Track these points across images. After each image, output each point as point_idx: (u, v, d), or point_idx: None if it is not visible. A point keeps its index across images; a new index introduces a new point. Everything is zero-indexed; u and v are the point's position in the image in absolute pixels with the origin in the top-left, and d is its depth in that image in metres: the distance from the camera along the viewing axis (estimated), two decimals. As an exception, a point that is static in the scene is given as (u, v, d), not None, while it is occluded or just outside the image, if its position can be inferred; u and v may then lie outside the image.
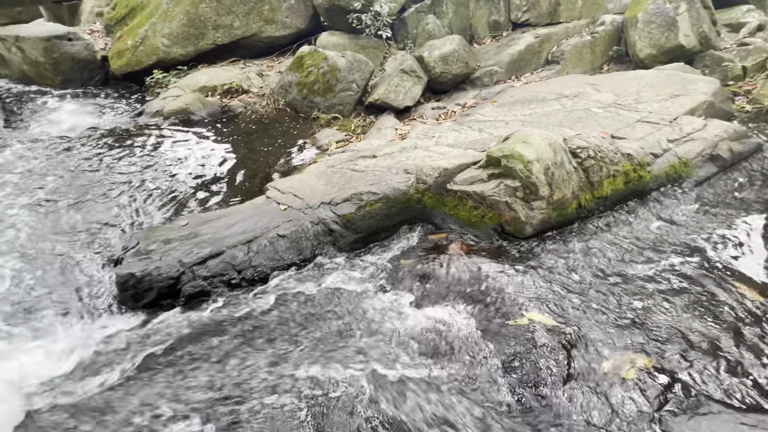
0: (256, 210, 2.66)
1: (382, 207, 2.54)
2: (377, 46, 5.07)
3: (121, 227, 2.69)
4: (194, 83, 4.69)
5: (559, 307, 2.05)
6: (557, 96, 3.82)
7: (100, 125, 4.06)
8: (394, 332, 1.95)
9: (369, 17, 4.73)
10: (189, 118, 4.13)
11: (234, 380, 1.73)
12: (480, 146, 2.95)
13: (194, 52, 5.05)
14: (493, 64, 4.61)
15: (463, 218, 2.49)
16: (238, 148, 3.75)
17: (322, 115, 4.27)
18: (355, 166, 3.00)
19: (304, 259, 2.40)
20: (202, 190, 3.15)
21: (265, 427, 1.53)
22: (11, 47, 5.12)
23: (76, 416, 1.62)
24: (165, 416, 1.59)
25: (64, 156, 3.41)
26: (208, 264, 2.17)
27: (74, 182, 3.08)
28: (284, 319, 2.02)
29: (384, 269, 2.37)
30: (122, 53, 5.08)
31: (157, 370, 1.77)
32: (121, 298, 2.07)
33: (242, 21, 5.14)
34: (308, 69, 4.33)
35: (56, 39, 5.02)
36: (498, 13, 5.22)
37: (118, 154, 3.49)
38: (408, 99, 4.17)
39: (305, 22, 5.47)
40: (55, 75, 5.03)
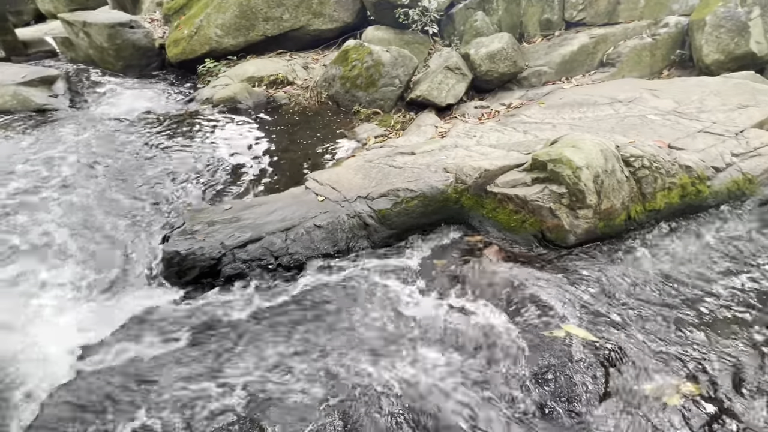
0: (294, 199, 2.71)
1: (418, 205, 2.52)
2: (422, 42, 5.01)
3: (169, 207, 2.83)
4: (242, 73, 4.83)
5: (600, 322, 1.95)
6: (610, 100, 3.63)
7: (154, 109, 4.28)
8: (424, 330, 1.93)
9: (416, 12, 4.68)
10: (236, 107, 4.27)
11: (266, 362, 1.78)
12: (524, 149, 2.85)
13: (244, 42, 5.22)
14: (543, 64, 4.43)
15: (502, 222, 2.42)
16: (280, 139, 3.83)
17: (362, 110, 4.29)
18: (393, 162, 2.99)
19: (339, 251, 2.42)
20: (245, 176, 3.25)
21: (294, 409, 1.56)
22: (79, 32, 5.49)
23: (118, 378, 1.72)
24: (199, 388, 1.66)
25: (121, 136, 3.63)
26: (247, 248, 2.24)
27: (129, 161, 3.27)
28: (316, 308, 2.05)
29: (417, 267, 2.35)
30: (178, 42, 5.32)
31: (194, 345, 1.86)
32: (165, 274, 2.18)
33: (291, 14, 5.25)
34: (352, 63, 4.35)
35: (120, 26, 5.33)
36: (551, 11, 5.01)
37: (169, 137, 3.67)
38: (450, 97, 4.10)
39: (352, 16, 5.50)
40: (116, 60, 5.35)
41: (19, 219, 2.61)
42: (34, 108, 4.12)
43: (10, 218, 2.61)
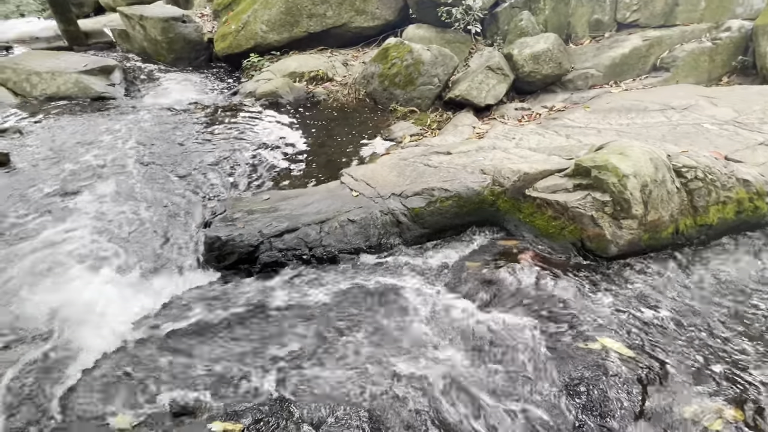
0: (330, 193, 2.76)
1: (452, 205, 2.49)
2: (463, 41, 4.95)
3: (211, 193, 2.95)
4: (285, 68, 4.95)
5: (639, 338, 1.86)
6: (662, 107, 3.44)
7: (201, 101, 4.47)
8: (451, 331, 1.91)
9: (460, 11, 4.63)
10: (277, 101, 4.38)
11: (297, 348, 1.82)
12: (566, 153, 2.76)
13: (288, 38, 5.34)
14: (590, 66, 4.27)
15: (540, 228, 2.36)
16: (317, 133, 3.90)
17: (399, 108, 4.29)
18: (428, 161, 2.97)
19: (371, 246, 2.43)
20: (283, 168, 3.33)
21: (321, 395, 1.60)
22: (135, 25, 5.81)
23: (158, 351, 1.82)
24: (232, 366, 1.73)
25: (170, 125, 3.81)
26: (284, 238, 2.30)
27: (176, 149, 3.44)
28: (347, 301, 2.07)
29: (448, 268, 2.33)
30: (225, 36, 5.52)
31: (229, 326, 1.93)
32: (206, 258, 2.28)
33: (335, 11, 5.32)
34: (392, 61, 4.36)
35: (173, 20, 5.59)
36: (602, 11, 4.81)
37: (214, 128, 3.83)
38: (490, 97, 4.03)
39: (394, 14, 5.51)
40: (168, 53, 5.63)
41: (76, 198, 2.80)
42: (93, 95, 4.41)
43: (68, 196, 2.81)
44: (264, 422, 1.48)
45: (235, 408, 1.56)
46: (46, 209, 2.70)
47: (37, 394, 1.65)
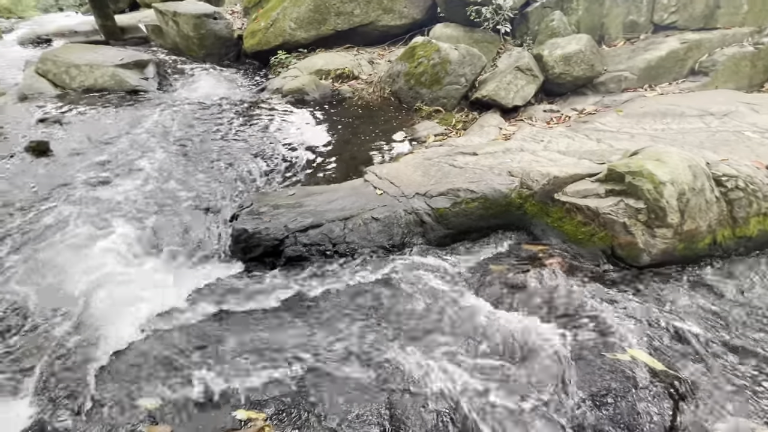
0: (354, 191, 2.76)
1: (478, 206, 2.46)
2: (492, 41, 4.88)
3: (238, 186, 3.01)
4: (311, 66, 5.00)
5: (671, 351, 1.80)
6: (700, 113, 3.31)
7: (229, 96, 4.56)
8: (473, 334, 1.89)
9: (489, 10, 4.56)
10: (303, 98, 4.42)
11: (319, 341, 1.84)
12: (597, 158, 2.68)
13: (315, 36, 5.39)
14: (624, 69, 4.14)
15: (568, 233, 2.30)
16: (342, 131, 3.92)
17: (424, 107, 4.26)
18: (453, 162, 2.94)
19: (393, 245, 2.43)
20: (308, 164, 3.36)
21: (342, 389, 1.60)
22: (169, 21, 5.97)
23: (185, 338, 1.87)
24: (256, 356, 1.76)
25: (200, 119, 3.91)
26: (308, 233, 2.32)
27: (205, 142, 3.52)
28: (369, 298, 2.07)
29: (471, 270, 2.30)
30: (255, 33, 5.62)
31: (253, 316, 1.97)
32: (233, 249, 2.33)
33: (362, 9, 5.33)
34: (419, 60, 4.34)
35: (205, 17, 5.72)
36: (638, 12, 4.66)
37: (241, 122, 3.89)
38: (518, 98, 3.96)
39: (421, 12, 5.48)
40: (199, 48, 5.76)
41: (111, 186, 2.90)
42: (128, 88, 4.56)
43: (104, 184, 2.91)
44: (286, 413, 1.50)
45: (259, 397, 1.58)
46: (83, 196, 2.80)
47: (73, 372, 1.72)
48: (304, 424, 1.45)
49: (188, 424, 1.46)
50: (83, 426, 1.51)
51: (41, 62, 4.76)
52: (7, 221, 2.58)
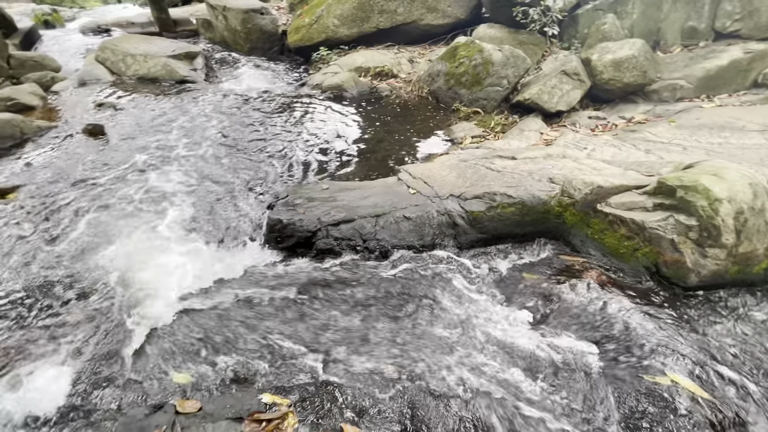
0: (387, 188, 2.76)
1: (514, 212, 2.39)
2: (537, 43, 4.74)
3: (275, 177, 3.08)
4: (351, 63, 5.03)
5: (715, 380, 1.68)
6: (763, 128, 3.06)
7: (271, 89, 4.67)
8: (500, 343, 1.83)
9: (537, 11, 4.43)
10: (342, 95, 4.47)
11: (345, 333, 1.85)
12: (645, 169, 2.54)
13: (357, 33, 5.42)
14: (680, 77, 3.90)
15: (609, 246, 2.19)
16: (378, 128, 3.93)
17: (462, 108, 4.20)
18: (491, 165, 2.88)
19: (424, 245, 2.40)
20: (342, 159, 3.39)
21: (364, 382, 1.60)
22: (219, 15, 6.18)
23: (216, 320, 1.92)
24: (282, 342, 1.80)
25: (243, 110, 4.03)
26: (340, 227, 2.34)
27: (246, 133, 3.62)
28: (396, 295, 2.06)
29: (502, 277, 2.24)
30: (298, 29, 5.72)
31: (282, 304, 2.00)
32: (267, 238, 2.39)
33: (406, 7, 5.31)
34: (460, 60, 4.27)
35: (252, 12, 5.89)
36: (698, 18, 4.37)
37: (281, 116, 3.98)
38: (562, 103, 3.82)
39: (466, 12, 5.40)
40: (245, 42, 5.94)
41: (157, 169, 3.04)
42: (178, 78, 4.76)
43: (151, 167, 3.06)
44: (309, 401, 1.51)
45: (284, 383, 1.61)
46: (132, 177, 2.96)
47: (114, 342, 1.81)
48: (326, 414, 1.46)
49: (216, 401, 1.50)
50: (120, 393, 1.59)
51: (100, 50, 5.07)
52: (62, 194, 2.77)
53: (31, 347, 1.79)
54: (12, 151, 3.29)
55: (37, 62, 4.96)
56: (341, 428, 1.39)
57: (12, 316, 1.94)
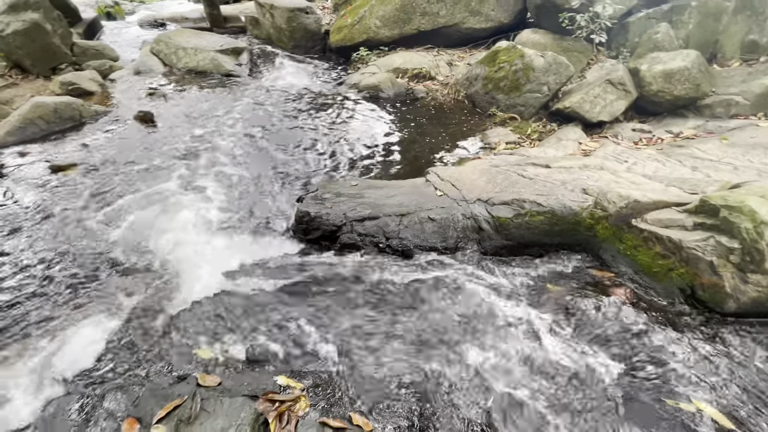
0: (414, 189, 2.77)
1: (543, 221, 2.33)
2: (582, 51, 4.58)
3: (307, 171, 3.17)
4: (389, 64, 5.07)
5: (745, 412, 1.57)
6: (829, 149, 2.82)
7: (310, 87, 4.79)
8: (519, 355, 1.80)
9: (585, 18, 4.29)
10: (378, 95, 4.51)
11: (361, 327, 1.89)
12: (689, 187, 2.41)
13: (398, 35, 5.46)
14: (736, 93, 3.65)
15: (642, 264, 2.10)
16: (411, 129, 3.94)
17: (499, 113, 4.13)
18: (523, 172, 2.82)
19: (446, 248, 2.40)
20: (372, 158, 3.43)
21: (375, 378, 1.62)
22: (266, 13, 6.41)
23: (244, 301, 2.01)
24: (301, 329, 1.86)
25: (281, 105, 4.16)
26: (365, 223, 2.38)
27: (284, 127, 3.74)
28: (414, 295, 2.07)
29: (525, 286, 2.20)
30: (341, 29, 5.83)
31: (304, 292, 2.07)
32: (294, 229, 2.46)
33: (448, 10, 5.29)
34: (500, 64, 4.21)
35: (298, 11, 6.06)
36: (761, 31, 4.08)
37: (317, 112, 4.08)
38: (605, 113, 3.68)
39: (509, 17, 5.31)
40: (289, 40, 6.12)
41: (199, 157, 3.20)
42: (223, 72, 4.99)
43: (193, 154, 3.23)
44: (322, 388, 1.55)
45: (299, 368, 1.66)
46: (176, 163, 3.13)
47: (148, 314, 1.94)
48: (337, 402, 1.50)
49: (234, 378, 1.58)
50: (150, 361, 1.70)
51: (155, 43, 5.38)
52: (113, 173, 2.97)
53: (76, 310, 1.95)
54: (71, 131, 3.57)
55: (98, 51, 5.33)
56: (350, 417, 1.42)
57: (60, 280, 2.11)
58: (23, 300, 2.00)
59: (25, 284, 2.09)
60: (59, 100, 3.69)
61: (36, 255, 2.27)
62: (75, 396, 1.50)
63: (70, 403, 1.47)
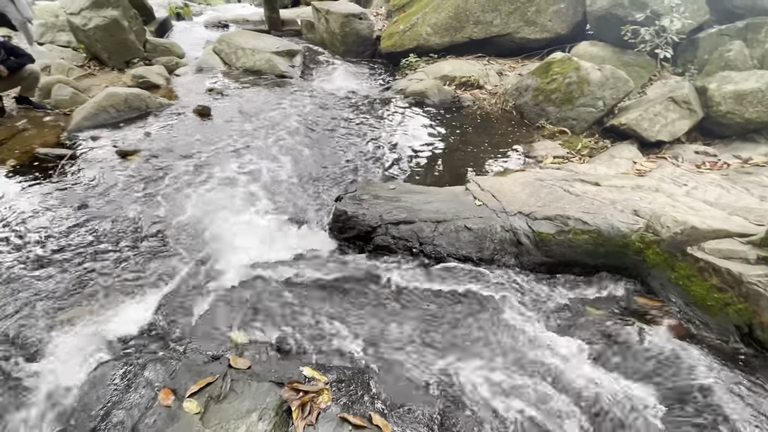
0: (452, 197, 2.74)
1: (587, 240, 2.22)
2: (645, 66, 4.34)
3: (348, 171, 3.23)
4: (438, 71, 5.07)
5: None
6: None
7: (357, 90, 4.89)
8: (551, 380, 1.72)
9: (650, 32, 4.06)
10: (423, 101, 4.52)
11: (388, 328, 1.89)
12: (755, 217, 2.20)
13: (449, 43, 5.44)
14: (820, 118, 3.31)
15: (695, 295, 1.94)
16: (454, 137, 3.91)
17: (548, 126, 4.00)
18: (569, 187, 2.71)
19: (481, 259, 2.34)
20: (412, 163, 3.44)
21: (400, 380, 1.62)
22: (321, 18, 6.62)
23: (278, 292, 2.08)
24: (329, 325, 1.89)
25: (329, 107, 4.28)
26: (400, 227, 2.38)
27: (329, 127, 3.85)
28: (444, 304, 2.04)
29: (562, 306, 2.10)
30: (392, 35, 5.91)
31: (335, 288, 2.11)
32: (331, 227, 2.52)
33: (503, 20, 5.21)
34: (553, 76, 4.09)
35: (352, 16, 6.21)
36: None
37: (362, 115, 4.16)
38: (665, 133, 3.45)
39: (567, 28, 5.14)
40: (341, 45, 6.29)
41: (250, 151, 3.36)
42: (277, 72, 5.21)
43: (245, 148, 3.39)
44: (345, 384, 1.57)
45: (324, 362, 1.70)
46: (228, 155, 3.31)
47: (187, 296, 2.06)
48: (358, 400, 1.50)
49: (263, 364, 1.63)
50: (188, 338, 1.80)
51: (218, 43, 5.72)
52: (171, 162, 3.19)
53: (126, 283, 2.11)
54: (137, 120, 3.86)
55: (167, 48, 5.76)
56: (370, 416, 1.42)
57: (113, 257, 2.29)
58: (86, 269, 2.18)
59: (87, 255, 2.28)
60: (129, 91, 4.02)
61: (98, 229, 2.48)
62: (120, 362, 1.62)
63: (115, 368, 1.59)
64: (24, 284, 2.07)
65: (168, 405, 1.42)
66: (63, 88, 4.20)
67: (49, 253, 2.28)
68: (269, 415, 1.39)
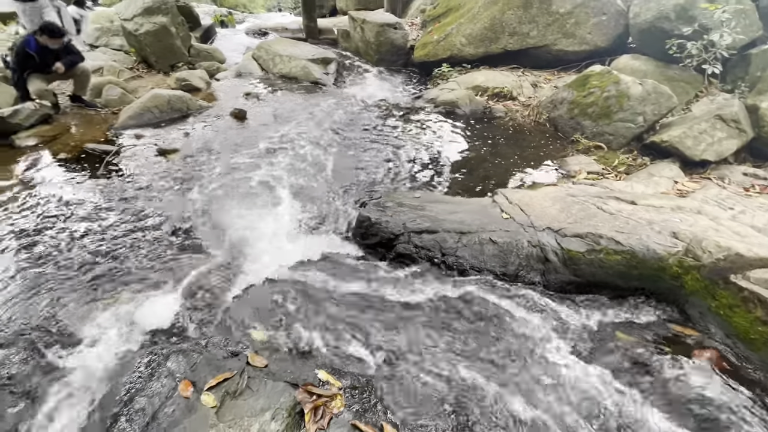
0: (479, 208, 2.69)
1: (620, 261, 2.12)
2: (690, 81, 4.14)
3: (374, 178, 3.25)
4: (470, 81, 5.03)
5: None
6: None
7: (388, 98, 4.93)
8: (574, 409, 1.63)
9: (697, 46, 3.87)
10: (454, 111, 4.49)
11: (408, 339, 1.87)
12: (812, 246, 2.03)
13: (483, 53, 5.40)
14: None
15: (737, 327, 1.80)
16: (483, 148, 3.85)
17: (583, 140, 3.87)
18: (603, 205, 2.60)
19: (505, 274, 2.28)
20: (441, 173, 3.41)
21: (416, 392, 1.59)
22: (357, 27, 6.75)
23: (299, 293, 2.10)
24: (348, 327, 1.90)
25: (360, 114, 4.34)
26: (423, 236, 2.36)
27: (358, 134, 3.89)
28: (463, 319, 1.99)
29: (590, 329, 2.00)
30: (425, 45, 5.93)
31: (356, 296, 2.10)
32: (353, 232, 2.53)
33: (540, 31, 5.13)
34: (590, 89, 3.96)
35: (387, 26, 6.30)
36: None
37: (392, 123, 4.18)
38: (710, 152, 3.26)
39: (607, 41, 4.99)
40: (375, 53, 6.37)
41: (280, 154, 3.45)
42: (312, 79, 5.34)
43: (276, 151, 3.48)
44: (359, 391, 1.56)
45: (339, 367, 1.69)
46: (260, 157, 3.41)
47: (212, 291, 2.11)
48: (371, 408, 1.48)
49: (280, 364, 1.65)
50: (210, 333, 1.85)
51: (257, 49, 5.94)
52: (207, 162, 3.32)
53: (157, 274, 2.20)
54: (178, 121, 4.05)
55: (210, 53, 6.03)
56: (382, 426, 1.40)
57: (146, 249, 2.39)
58: (123, 259, 2.29)
59: (124, 245, 2.39)
60: (173, 93, 4.23)
61: (134, 221, 2.60)
62: (146, 351, 1.68)
63: (141, 356, 1.65)
64: (65, 267, 2.20)
65: (187, 396, 1.46)
66: (113, 88, 4.47)
67: (90, 241, 2.41)
68: (282, 415, 1.39)
